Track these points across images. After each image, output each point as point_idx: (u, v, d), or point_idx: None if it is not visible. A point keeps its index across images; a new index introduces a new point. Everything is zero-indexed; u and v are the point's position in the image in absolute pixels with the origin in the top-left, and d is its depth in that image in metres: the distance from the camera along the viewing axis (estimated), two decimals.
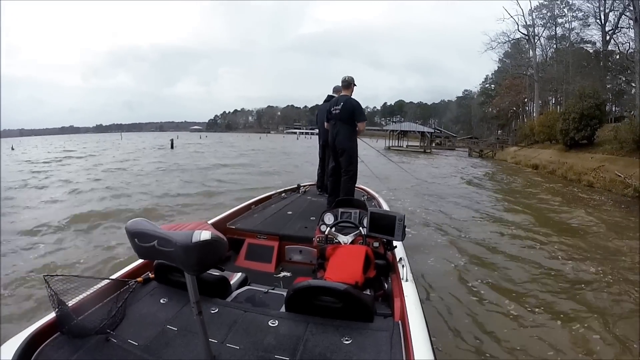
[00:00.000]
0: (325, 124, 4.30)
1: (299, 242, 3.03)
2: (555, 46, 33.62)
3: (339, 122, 3.97)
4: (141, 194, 9.37)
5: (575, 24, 30.93)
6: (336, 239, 2.48)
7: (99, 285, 1.67)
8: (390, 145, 37.66)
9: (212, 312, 1.63)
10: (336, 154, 4.07)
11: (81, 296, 1.53)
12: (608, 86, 29.10)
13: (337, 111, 3.96)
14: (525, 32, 33.28)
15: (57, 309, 1.39)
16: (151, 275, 1.96)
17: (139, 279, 1.90)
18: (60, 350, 1.35)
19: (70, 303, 1.43)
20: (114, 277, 1.86)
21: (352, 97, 4.02)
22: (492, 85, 53.53)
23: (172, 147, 29.57)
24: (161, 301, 1.74)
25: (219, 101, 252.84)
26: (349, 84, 4.07)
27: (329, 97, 4.74)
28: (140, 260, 2.00)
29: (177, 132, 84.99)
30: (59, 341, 1.39)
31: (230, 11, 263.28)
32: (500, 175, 17.48)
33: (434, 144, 40.89)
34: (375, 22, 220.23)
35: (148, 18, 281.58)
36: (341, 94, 4.11)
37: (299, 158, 21.59)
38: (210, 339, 1.26)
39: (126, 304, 1.58)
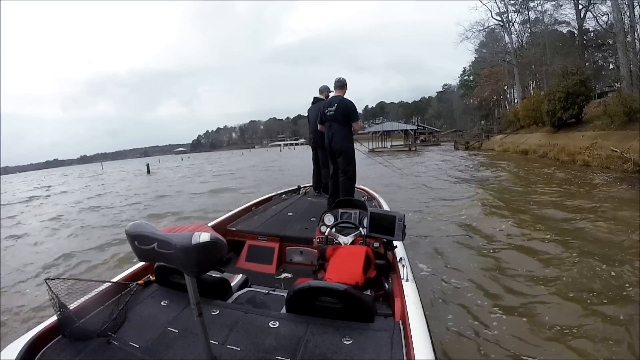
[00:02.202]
0: (319, 125, 4.16)
1: (299, 243, 3.01)
2: (530, 30, 33.27)
3: (334, 123, 3.88)
4: None
5: (547, 5, 30.54)
6: (336, 239, 2.45)
7: (100, 288, 1.68)
8: (374, 147, 36.70)
9: (213, 313, 1.62)
10: (333, 156, 4.00)
11: (82, 299, 1.53)
12: (586, 64, 28.64)
13: (332, 112, 3.87)
14: (500, 18, 32.84)
15: (58, 312, 1.39)
16: (152, 278, 1.95)
17: (139, 282, 1.89)
18: (62, 353, 1.35)
19: (72, 306, 1.44)
20: (115, 280, 1.86)
21: (345, 97, 3.94)
22: (471, 77, 53.40)
23: (148, 172, 29.39)
24: (162, 303, 1.72)
25: (202, 120, 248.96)
26: (342, 84, 3.99)
27: (316, 99, 4.77)
28: (141, 263, 1.98)
29: (161, 156, 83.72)
30: (61, 344, 1.39)
31: (205, 28, 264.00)
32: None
33: (418, 141, 40.32)
34: (353, 25, 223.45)
35: (123, 42, 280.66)
36: (334, 95, 4.03)
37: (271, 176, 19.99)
38: (211, 341, 1.26)
39: (127, 307, 1.59)
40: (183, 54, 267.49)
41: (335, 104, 3.85)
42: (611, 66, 29.68)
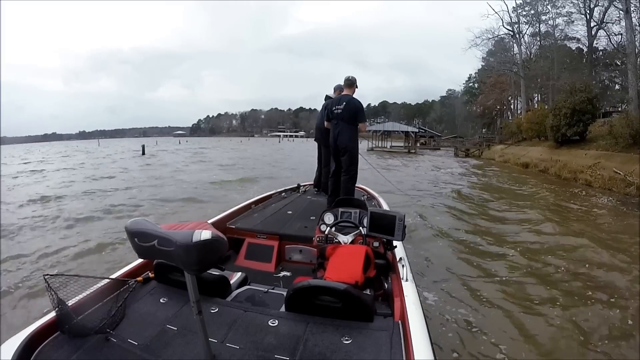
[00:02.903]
0: (325, 122, 4.16)
1: (298, 241, 3.01)
2: (539, 43, 33.24)
3: (341, 121, 3.89)
4: None
5: (559, 20, 30.55)
6: (336, 238, 2.46)
7: (98, 285, 1.66)
8: (374, 146, 36.66)
9: (212, 311, 1.61)
10: (337, 154, 4.01)
11: (81, 296, 1.52)
12: (593, 82, 28.74)
13: (339, 110, 3.87)
14: (510, 29, 32.75)
15: (56, 309, 1.37)
16: (151, 275, 1.94)
17: (138, 279, 1.88)
18: (60, 349, 1.33)
19: (70, 302, 1.41)
20: (113, 276, 1.84)
21: (354, 97, 3.94)
22: (476, 84, 53.35)
23: (143, 153, 29.11)
24: (161, 301, 1.71)
25: (203, 105, 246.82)
26: (352, 83, 3.99)
27: (327, 97, 4.71)
28: (140, 260, 1.97)
29: (159, 138, 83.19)
30: (59, 341, 1.37)
31: (213, 11, 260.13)
32: None
33: (418, 144, 40.29)
34: (360, 22, 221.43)
35: (129, 20, 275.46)
36: (343, 93, 4.02)
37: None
38: (210, 339, 1.25)
39: (126, 304, 1.57)
40: (187, 37, 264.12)
41: (344, 103, 3.85)
42: (617, 86, 29.77)
